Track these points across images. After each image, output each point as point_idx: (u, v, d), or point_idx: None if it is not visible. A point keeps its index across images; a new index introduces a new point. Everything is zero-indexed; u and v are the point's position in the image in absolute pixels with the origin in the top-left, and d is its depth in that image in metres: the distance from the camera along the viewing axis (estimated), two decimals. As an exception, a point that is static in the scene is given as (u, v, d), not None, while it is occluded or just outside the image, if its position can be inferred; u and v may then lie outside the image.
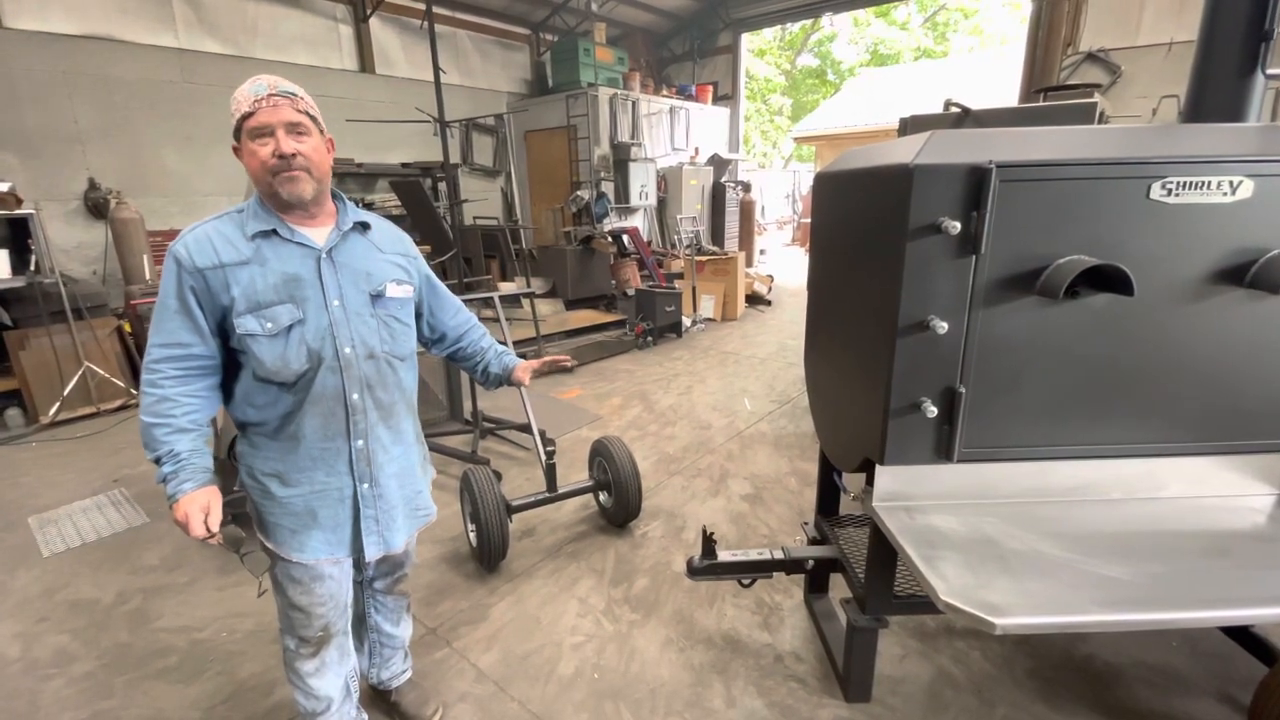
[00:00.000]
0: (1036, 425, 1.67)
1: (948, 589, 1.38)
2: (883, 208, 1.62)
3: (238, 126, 1.36)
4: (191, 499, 1.34)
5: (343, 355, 1.46)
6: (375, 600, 1.92)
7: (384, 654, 1.98)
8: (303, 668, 1.68)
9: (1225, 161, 1.48)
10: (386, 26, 8.44)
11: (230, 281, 1.37)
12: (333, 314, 1.45)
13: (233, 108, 1.35)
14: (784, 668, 2.20)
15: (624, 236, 8.71)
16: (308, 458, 1.49)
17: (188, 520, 1.33)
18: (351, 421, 1.50)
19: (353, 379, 1.49)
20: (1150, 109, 6.62)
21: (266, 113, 1.33)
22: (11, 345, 4.78)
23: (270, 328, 1.39)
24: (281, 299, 1.40)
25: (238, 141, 1.38)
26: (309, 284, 1.43)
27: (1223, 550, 1.55)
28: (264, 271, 1.39)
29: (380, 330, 1.53)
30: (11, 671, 2.27)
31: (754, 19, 11.84)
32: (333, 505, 1.54)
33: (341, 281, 1.47)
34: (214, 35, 6.90)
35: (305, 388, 1.44)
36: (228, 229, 1.41)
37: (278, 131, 1.34)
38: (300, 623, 1.63)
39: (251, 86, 1.36)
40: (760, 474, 3.70)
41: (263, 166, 1.35)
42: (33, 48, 5.74)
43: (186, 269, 1.36)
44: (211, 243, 1.38)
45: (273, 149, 1.34)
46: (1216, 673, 2.12)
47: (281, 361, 1.41)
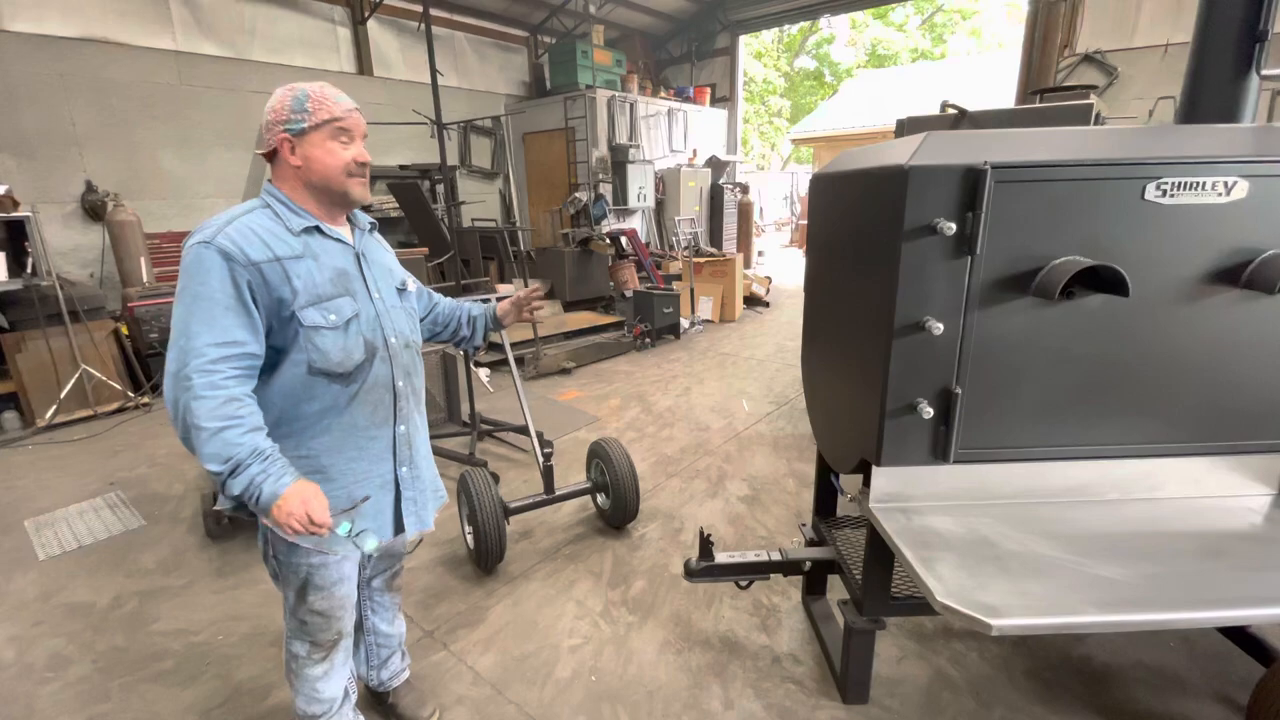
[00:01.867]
0: (1033, 426, 1.67)
1: (944, 590, 1.38)
2: (878, 209, 1.63)
3: (314, 125, 1.39)
4: (300, 489, 1.31)
5: (390, 345, 1.54)
6: (372, 601, 1.92)
7: (381, 654, 1.98)
8: (312, 672, 1.68)
9: (1220, 162, 1.49)
10: (384, 28, 8.44)
11: (290, 274, 1.37)
12: (377, 305, 1.53)
13: (308, 106, 1.39)
14: (782, 669, 2.20)
15: (622, 238, 8.72)
16: (355, 448, 1.52)
17: (306, 509, 1.28)
18: (398, 408, 1.58)
19: (399, 367, 1.57)
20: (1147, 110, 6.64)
21: (353, 121, 1.45)
22: (8, 348, 4.77)
23: (334, 320, 1.42)
24: (340, 292, 1.45)
25: (295, 137, 1.40)
26: (355, 278, 1.50)
27: (1219, 551, 1.55)
28: (319, 265, 1.43)
29: (409, 320, 1.65)
30: (7, 675, 2.26)
31: (752, 21, 11.85)
32: (375, 492, 1.58)
33: (376, 275, 1.56)
34: (211, 37, 6.89)
35: (361, 377, 1.49)
36: (268, 223, 1.40)
37: (358, 140, 1.46)
38: (319, 628, 1.63)
39: (333, 93, 1.44)
40: (758, 475, 3.70)
41: (343, 166, 1.43)
42: (30, 50, 5.73)
43: (239, 263, 1.32)
44: (259, 237, 1.36)
45: (354, 154, 1.45)
46: (1214, 673, 2.12)
47: (344, 353, 1.44)
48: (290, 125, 1.39)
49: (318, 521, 1.30)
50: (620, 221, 9.60)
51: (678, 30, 12.07)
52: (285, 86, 1.44)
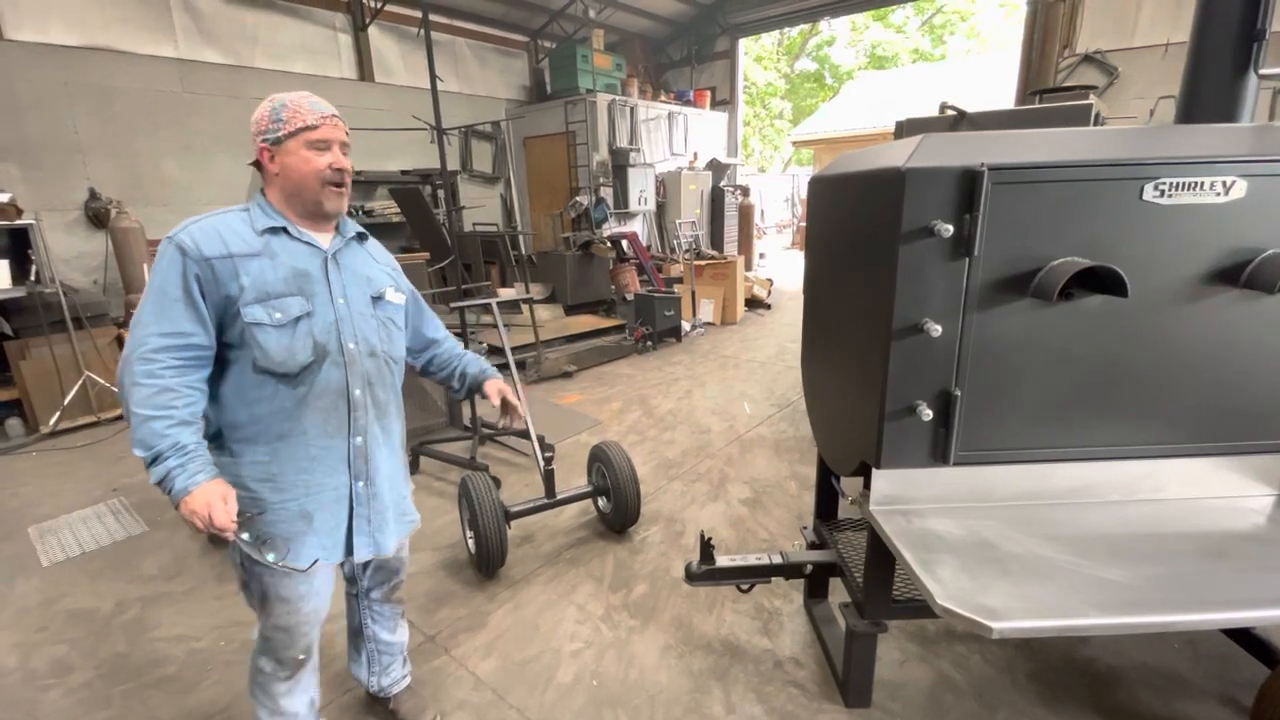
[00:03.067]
0: (1032, 427, 1.67)
1: (945, 593, 1.38)
2: (876, 211, 1.63)
3: (289, 134, 1.42)
4: (208, 489, 1.32)
5: (347, 350, 1.51)
6: (372, 610, 1.91)
7: (383, 661, 1.97)
8: (277, 689, 1.66)
9: (1218, 162, 1.48)
10: (385, 35, 8.48)
11: (240, 271, 1.40)
12: (338, 310, 1.51)
13: (283, 115, 1.42)
14: (783, 673, 2.19)
15: (623, 241, 8.73)
16: (306, 457, 1.50)
17: (209, 511, 1.30)
18: (353, 418, 1.54)
19: (356, 374, 1.53)
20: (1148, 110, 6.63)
21: (330, 129, 1.46)
22: (12, 355, 4.80)
23: (279, 318, 1.42)
24: (291, 291, 1.44)
25: (273, 146, 1.44)
26: (317, 280, 1.49)
27: (1222, 552, 1.54)
28: (274, 264, 1.44)
29: (380, 330, 1.60)
30: (10, 682, 2.27)
31: (752, 24, 11.87)
32: (329, 506, 1.54)
33: (345, 281, 1.55)
34: (213, 45, 6.93)
35: (308, 381, 1.47)
36: (233, 223, 1.44)
37: (335, 148, 1.47)
38: (284, 644, 1.61)
39: (309, 101, 1.46)
40: (759, 478, 3.70)
41: (317, 174, 1.45)
42: (33, 59, 5.77)
43: (193, 258, 1.37)
44: (219, 234, 1.41)
45: (329, 161, 1.46)
46: (1218, 675, 2.11)
47: (287, 352, 1.43)
48: (268, 134, 1.43)
49: (217, 524, 1.31)
50: (621, 225, 9.61)
51: (677, 34, 12.10)
52: (268, 97, 1.47)
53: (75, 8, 5.99)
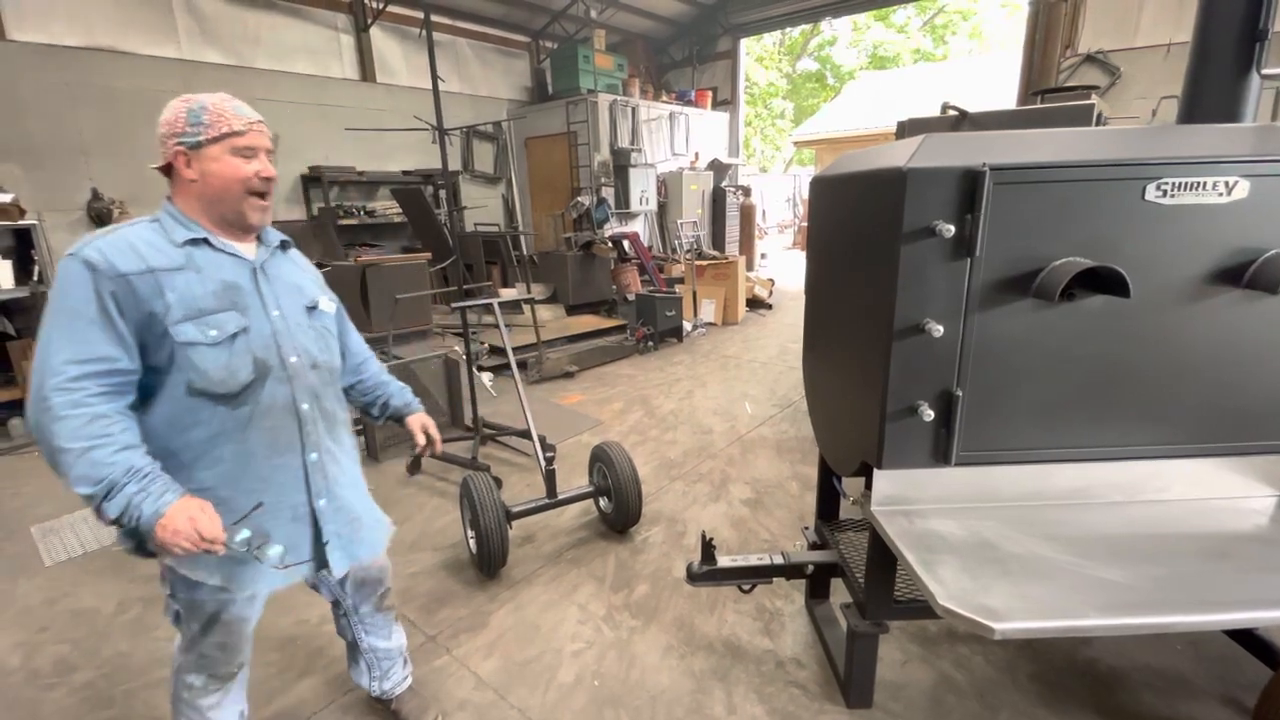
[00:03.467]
0: (1034, 428, 1.67)
1: (946, 593, 1.37)
2: (877, 211, 1.62)
3: (211, 139, 1.33)
4: (185, 505, 1.24)
5: (289, 364, 1.44)
6: (364, 624, 1.88)
7: (383, 666, 1.95)
8: (205, 702, 1.61)
9: (1220, 162, 1.48)
10: (387, 35, 8.49)
11: (164, 287, 1.29)
12: (274, 323, 1.44)
13: (204, 119, 1.33)
14: (785, 674, 2.19)
15: (624, 241, 8.73)
16: (257, 478, 1.41)
17: (195, 526, 1.22)
18: (304, 433, 1.47)
19: (302, 388, 1.46)
20: (1150, 110, 6.62)
21: (257, 136, 1.38)
22: (15, 355, 4.81)
23: (214, 335, 1.33)
24: (224, 306, 1.36)
25: (191, 150, 1.34)
26: (248, 293, 1.41)
27: (1224, 552, 1.54)
28: (201, 278, 1.34)
29: (318, 341, 1.54)
30: (13, 681, 2.27)
31: (753, 24, 11.86)
32: (285, 525, 1.47)
33: (278, 292, 1.47)
34: (216, 46, 6.94)
35: (252, 400, 1.39)
36: (148, 235, 1.33)
37: (261, 155, 1.39)
38: (219, 662, 1.57)
39: (232, 105, 1.37)
40: (761, 478, 3.70)
41: (243, 182, 1.37)
42: (36, 59, 5.78)
43: (106, 274, 1.24)
44: (134, 248, 1.29)
45: (256, 169, 1.38)
46: (1221, 676, 2.10)
47: (227, 371, 1.34)
48: (184, 138, 1.33)
49: (208, 537, 1.23)
50: (622, 225, 9.61)
51: (679, 34, 12.09)
52: (181, 98, 1.37)
53: (78, 8, 6.01)
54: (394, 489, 3.69)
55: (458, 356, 4.48)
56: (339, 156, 7.89)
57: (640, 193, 9.72)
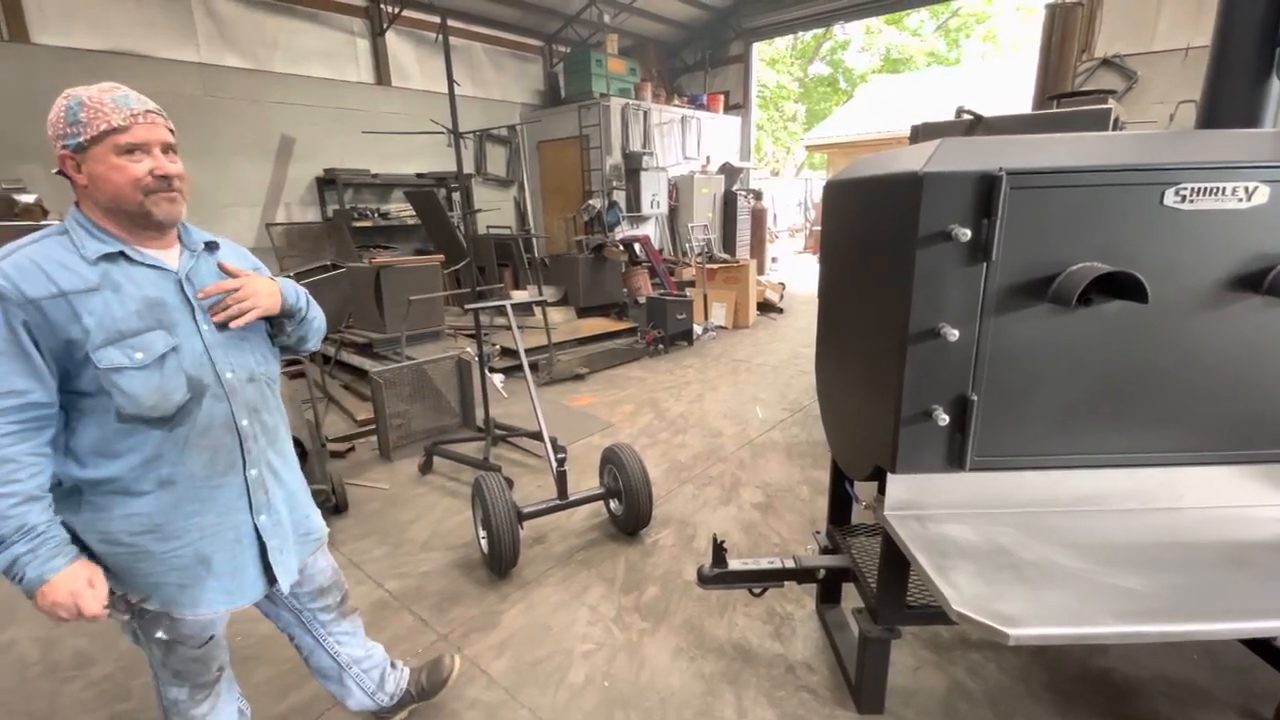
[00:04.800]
0: (1050, 434, 1.66)
1: (960, 599, 1.37)
2: (892, 215, 1.62)
3: (91, 139, 1.20)
4: (71, 575, 1.18)
5: (225, 380, 1.36)
6: (333, 636, 1.78)
7: (373, 676, 1.88)
8: (196, 712, 1.55)
9: (1240, 167, 1.47)
10: (402, 40, 8.58)
11: (79, 311, 1.19)
12: (205, 338, 1.34)
13: (81, 116, 1.20)
14: (795, 678, 2.18)
15: (635, 245, 8.75)
16: (195, 499, 1.34)
17: (77, 602, 1.17)
18: (245, 450, 1.40)
19: (240, 404, 1.39)
20: (1168, 114, 6.55)
21: (144, 130, 1.24)
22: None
23: (141, 358, 1.23)
24: (149, 325, 1.26)
25: (76, 153, 1.22)
26: (174, 308, 1.31)
27: (1242, 561, 1.52)
28: (120, 298, 1.24)
29: (254, 352, 1.46)
30: (32, 674, 2.31)
31: (765, 28, 11.87)
32: (228, 547, 1.40)
33: (206, 304, 1.37)
34: (234, 49, 7.04)
35: (188, 420, 1.31)
36: (56, 253, 1.22)
37: (154, 150, 1.26)
38: (197, 672, 1.51)
39: (112, 96, 1.23)
40: (772, 482, 3.69)
41: (135, 184, 1.23)
42: (59, 62, 5.89)
43: (13, 301, 1.15)
44: (41, 269, 1.18)
45: (149, 167, 1.25)
46: (1238, 686, 2.08)
47: (160, 394, 1.26)
48: (67, 140, 1.21)
49: (87, 615, 1.19)
50: (634, 228, 9.64)
51: (691, 38, 12.12)
52: (63, 93, 1.24)
53: (100, 12, 6.12)
54: (406, 488, 3.72)
55: (470, 358, 4.51)
56: (354, 159, 7.98)
57: (651, 196, 9.74)
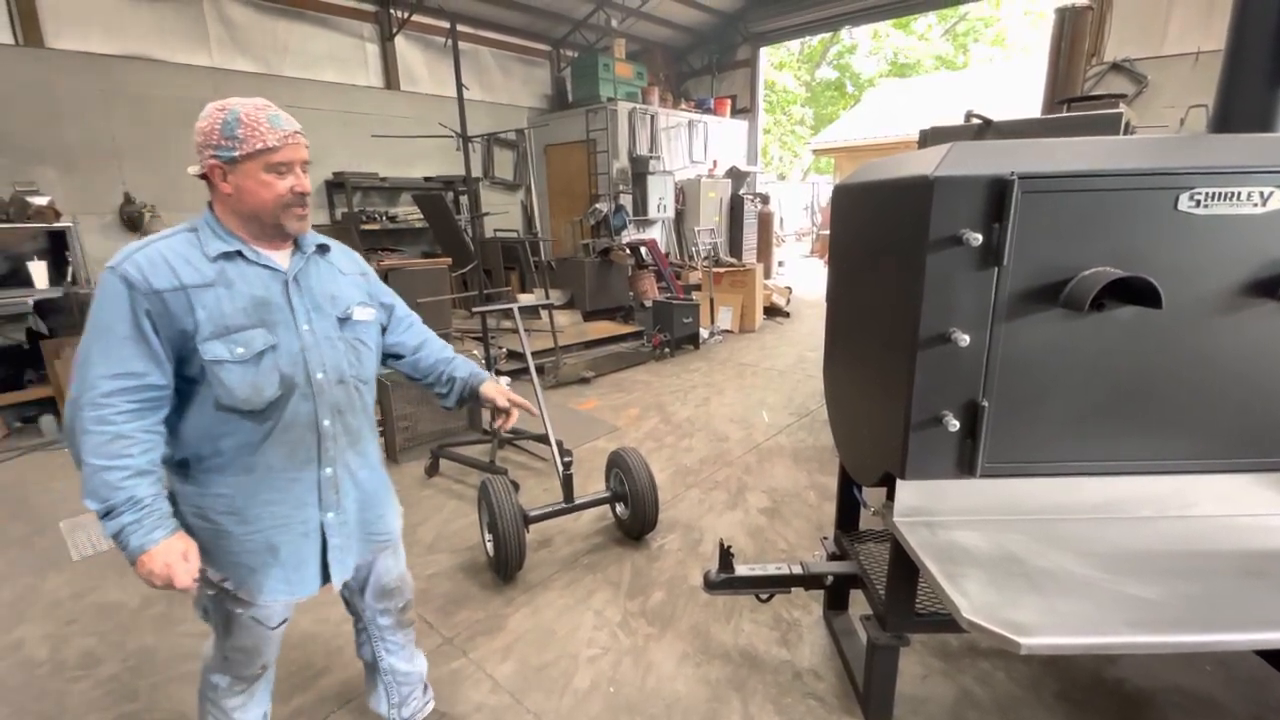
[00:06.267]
0: (1062, 440, 1.64)
1: (971, 607, 1.35)
2: (903, 219, 1.61)
3: (246, 155, 1.30)
4: (168, 548, 1.27)
5: (315, 381, 1.42)
6: (385, 641, 1.83)
7: (401, 692, 1.90)
8: (230, 703, 1.61)
9: (1255, 172, 1.45)
10: (411, 44, 8.63)
11: (194, 304, 1.29)
12: (304, 339, 1.41)
13: (238, 133, 1.29)
14: (802, 685, 2.17)
15: (642, 248, 8.76)
16: (272, 489, 1.42)
17: (170, 572, 1.26)
18: (322, 449, 1.46)
19: (324, 405, 1.45)
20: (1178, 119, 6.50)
21: (292, 150, 1.35)
22: (47, 354, 4.93)
23: (241, 353, 1.32)
24: (253, 323, 1.34)
25: (227, 165, 1.31)
26: (279, 308, 1.39)
27: (1259, 570, 1.49)
28: (231, 294, 1.33)
29: (348, 354, 1.51)
30: (40, 673, 2.32)
31: (773, 33, 11.88)
32: (295, 540, 1.47)
33: (309, 305, 1.44)
34: (246, 54, 7.11)
35: (275, 415, 1.39)
36: (183, 248, 1.33)
37: (296, 169, 1.37)
38: (242, 664, 1.57)
39: (267, 116, 1.33)
40: (778, 487, 3.67)
41: (278, 199, 1.35)
42: (74, 67, 5.96)
43: (141, 291, 1.26)
44: (167, 263, 1.29)
45: (291, 185, 1.36)
46: (1252, 698, 2.05)
47: (253, 389, 1.34)
48: (220, 151, 1.31)
49: (178, 585, 1.27)
50: (640, 232, 9.64)
51: (699, 43, 12.15)
52: (217, 104, 1.33)
53: (114, 18, 6.19)
54: (413, 490, 3.72)
55: (476, 360, 4.51)
56: (363, 163, 8.02)
57: (658, 200, 9.74)
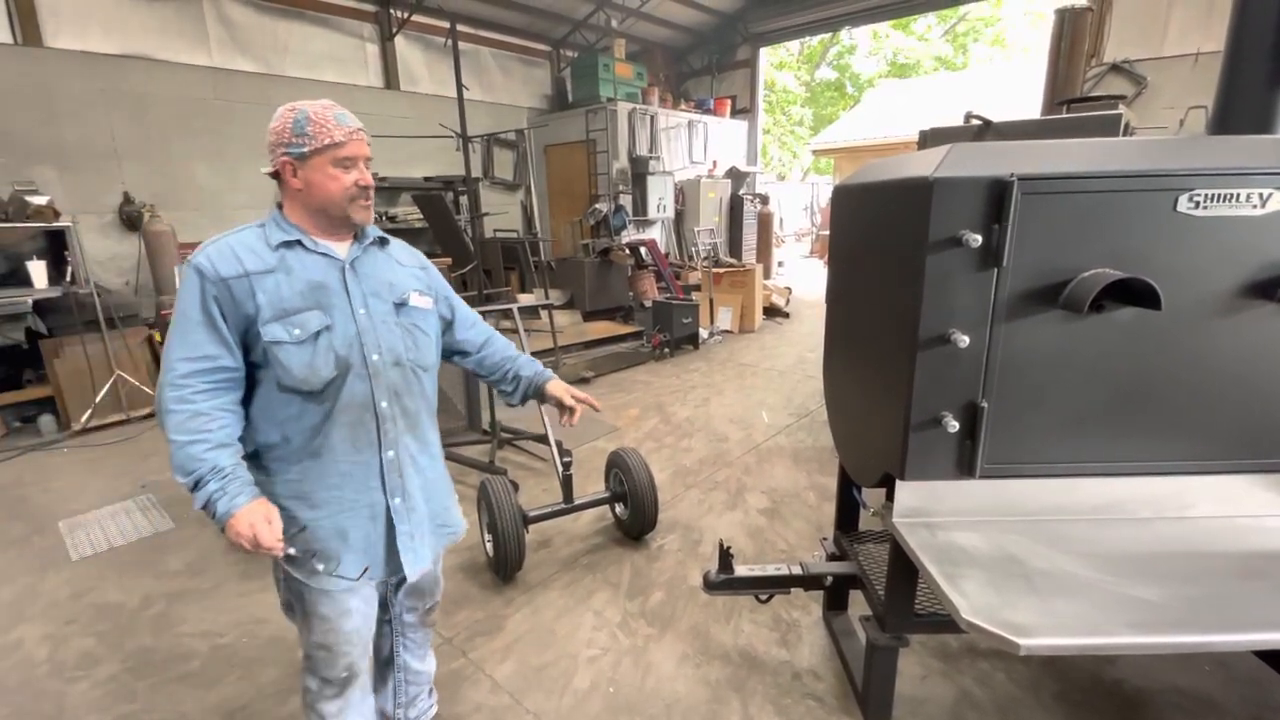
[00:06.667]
0: (1061, 441, 1.64)
1: (970, 608, 1.35)
2: (903, 220, 1.62)
3: (314, 150, 1.38)
4: (251, 511, 1.32)
5: (370, 362, 1.48)
6: (405, 637, 1.87)
7: (410, 691, 1.93)
8: (326, 709, 1.64)
9: (1255, 174, 1.45)
10: (411, 44, 8.63)
11: (255, 289, 1.38)
12: (359, 321, 1.47)
13: (308, 130, 1.37)
14: (802, 685, 2.17)
15: (642, 248, 8.76)
16: (336, 473, 1.48)
17: (255, 533, 1.30)
18: (381, 431, 1.51)
19: (381, 386, 1.50)
20: (1178, 120, 6.51)
21: (356, 145, 1.43)
22: (46, 353, 4.93)
23: (298, 334, 1.39)
24: (309, 305, 1.41)
25: (297, 161, 1.40)
26: (335, 292, 1.46)
27: (1258, 571, 1.50)
28: (290, 279, 1.41)
29: (405, 338, 1.55)
30: (39, 673, 2.32)
31: (773, 33, 11.89)
32: (364, 523, 1.52)
33: (365, 290, 1.50)
34: (246, 54, 7.11)
35: (333, 396, 1.44)
36: (249, 240, 1.43)
37: (360, 164, 1.45)
38: (325, 662, 1.59)
39: (334, 114, 1.41)
40: (778, 488, 3.67)
41: (345, 192, 1.43)
42: (73, 67, 5.96)
43: (210, 279, 1.36)
44: (234, 253, 1.39)
45: (355, 178, 1.44)
46: (1250, 699, 2.05)
47: (309, 369, 1.40)
48: (291, 149, 1.39)
49: (264, 545, 1.31)
50: (640, 232, 9.65)
51: (699, 43, 12.15)
52: (287, 105, 1.42)
53: (113, 17, 6.19)
54: (412, 491, 3.71)
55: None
56: (362, 162, 8.02)
57: (658, 200, 9.75)
